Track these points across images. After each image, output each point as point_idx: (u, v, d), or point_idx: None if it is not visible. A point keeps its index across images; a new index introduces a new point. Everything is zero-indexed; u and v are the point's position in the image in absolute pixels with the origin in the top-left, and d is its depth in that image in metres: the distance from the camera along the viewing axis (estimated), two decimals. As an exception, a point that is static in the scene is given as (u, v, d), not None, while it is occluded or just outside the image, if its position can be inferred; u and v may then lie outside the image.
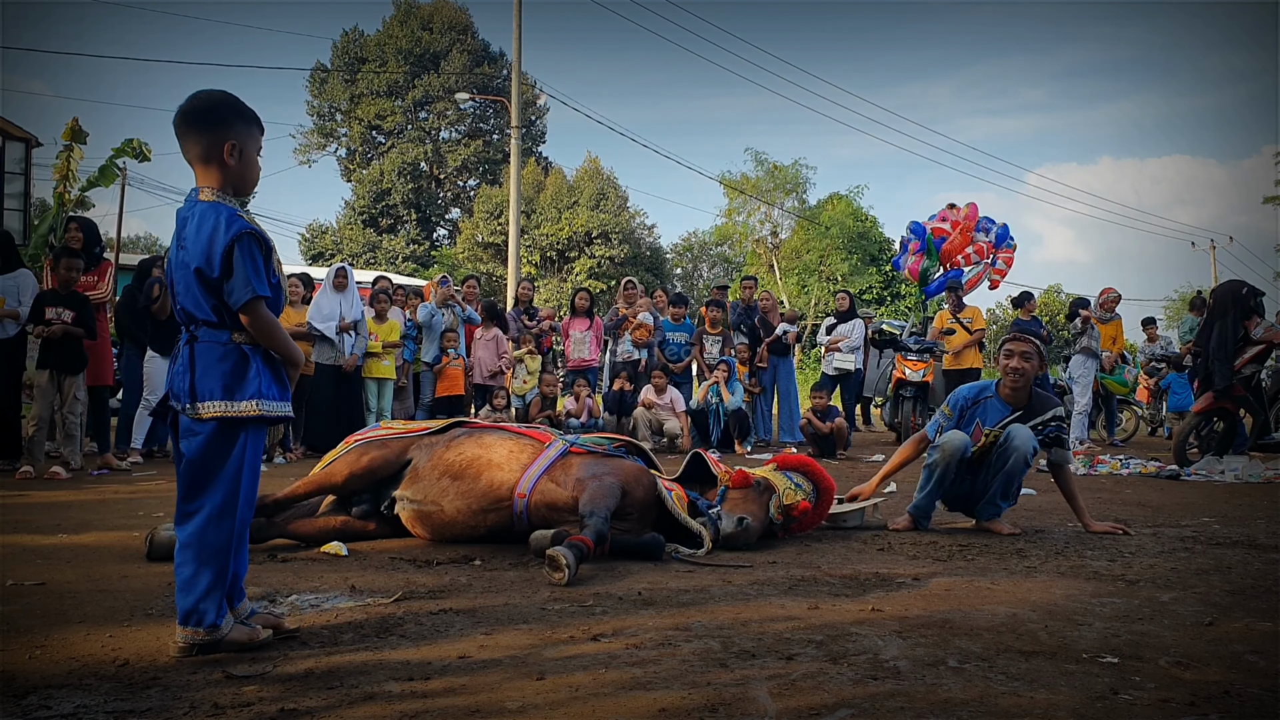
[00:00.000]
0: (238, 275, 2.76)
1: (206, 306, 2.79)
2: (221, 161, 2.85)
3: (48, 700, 2.36)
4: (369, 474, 4.61)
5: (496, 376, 11.10)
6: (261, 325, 2.80)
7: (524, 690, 2.44)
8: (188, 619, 2.74)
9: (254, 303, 2.77)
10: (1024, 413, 5.41)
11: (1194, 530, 5.31)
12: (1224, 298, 8.88)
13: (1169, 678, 2.59)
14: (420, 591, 3.60)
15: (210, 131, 2.85)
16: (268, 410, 2.82)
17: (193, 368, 2.80)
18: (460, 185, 42.40)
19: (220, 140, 2.85)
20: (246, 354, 2.83)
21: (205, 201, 2.83)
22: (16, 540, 4.59)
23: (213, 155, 2.85)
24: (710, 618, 3.21)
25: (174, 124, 2.87)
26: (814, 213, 38.96)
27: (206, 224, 2.79)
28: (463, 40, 40.47)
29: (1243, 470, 8.23)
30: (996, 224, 16.33)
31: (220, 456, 2.79)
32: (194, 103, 2.87)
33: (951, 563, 4.32)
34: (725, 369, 10.95)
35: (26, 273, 8.12)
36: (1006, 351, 5.43)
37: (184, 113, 2.87)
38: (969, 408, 5.50)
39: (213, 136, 2.85)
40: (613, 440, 4.98)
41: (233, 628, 2.80)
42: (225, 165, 2.86)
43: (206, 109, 2.87)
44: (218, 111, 2.88)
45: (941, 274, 16.08)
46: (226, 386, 2.78)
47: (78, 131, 13.93)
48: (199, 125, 2.86)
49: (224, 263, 2.76)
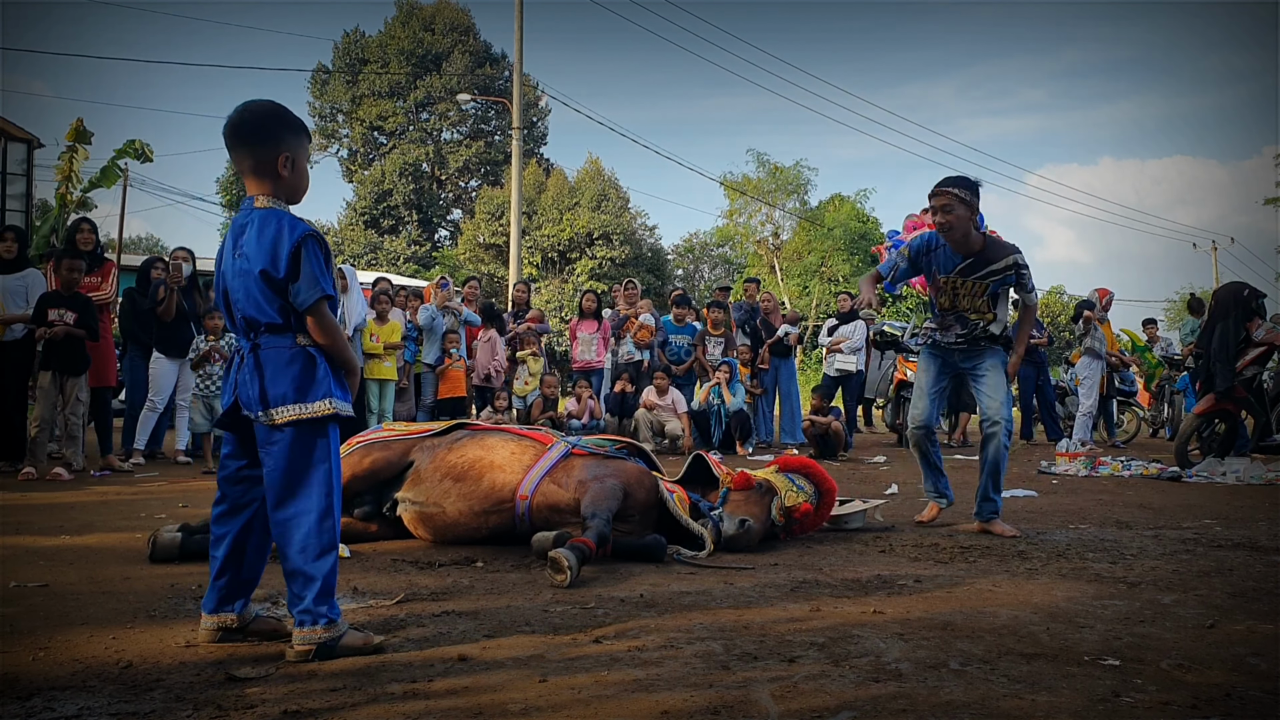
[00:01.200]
0: (305, 275, 2.78)
1: (271, 310, 2.79)
2: (275, 174, 2.88)
3: (51, 702, 2.37)
4: (371, 475, 4.62)
5: (491, 378, 11.10)
6: (326, 325, 2.83)
7: (527, 692, 2.45)
8: (304, 622, 2.75)
9: (321, 303, 2.80)
10: (975, 260, 5.39)
11: (1195, 532, 5.31)
12: (1225, 299, 8.88)
13: (1170, 680, 2.59)
14: (422, 593, 3.60)
15: (262, 145, 2.87)
16: (340, 409, 2.84)
17: (260, 374, 2.80)
18: (462, 186, 42.38)
19: (273, 153, 2.87)
20: (313, 355, 2.84)
21: (263, 208, 2.86)
22: (19, 541, 4.60)
23: (266, 168, 2.88)
24: (712, 619, 3.22)
25: (225, 136, 2.89)
26: (815, 214, 38.95)
27: (269, 228, 2.81)
28: (464, 41, 40.45)
29: (1244, 472, 8.23)
30: None
31: (307, 460, 2.81)
32: (244, 116, 2.89)
33: (953, 565, 4.32)
34: (727, 370, 10.94)
35: (35, 273, 8.13)
36: (931, 209, 5.45)
37: (234, 126, 2.89)
38: (924, 254, 5.53)
39: (265, 150, 2.87)
40: (615, 442, 4.98)
41: (348, 631, 2.81)
42: (279, 177, 2.89)
43: (258, 123, 2.90)
44: (268, 125, 2.90)
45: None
46: (299, 389, 2.79)
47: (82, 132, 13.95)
48: (250, 139, 2.88)
49: (290, 263, 2.78)
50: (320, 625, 2.75)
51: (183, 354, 8.74)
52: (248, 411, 2.82)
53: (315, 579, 2.76)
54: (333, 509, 2.83)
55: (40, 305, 7.69)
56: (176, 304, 8.83)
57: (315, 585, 2.76)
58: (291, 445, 2.79)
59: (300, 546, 2.77)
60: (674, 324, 11.87)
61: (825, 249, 36.85)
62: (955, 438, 12.52)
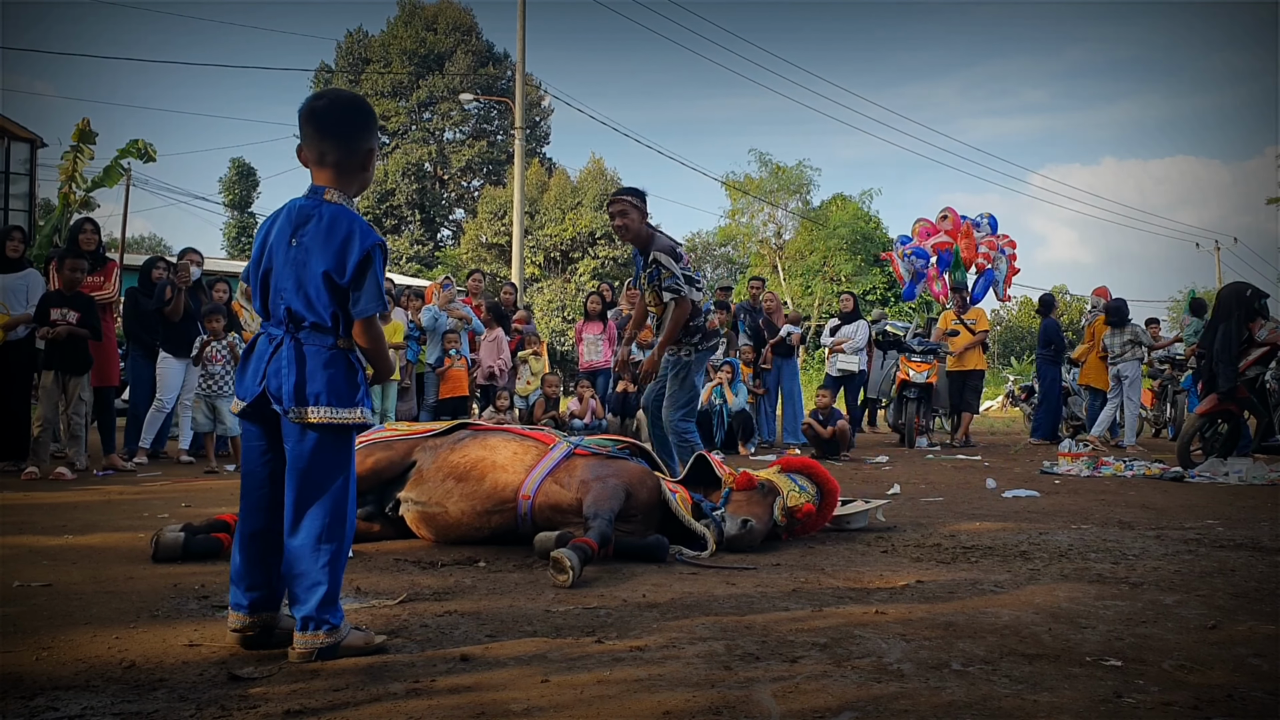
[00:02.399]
0: (369, 286, 2.74)
1: (322, 309, 2.74)
2: (356, 169, 2.86)
3: (55, 702, 2.37)
4: (374, 475, 4.62)
5: (496, 377, 11.11)
6: (375, 335, 2.80)
7: (529, 692, 2.45)
8: (306, 625, 2.71)
9: (376, 317, 2.79)
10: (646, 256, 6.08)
11: (1198, 533, 5.31)
12: (1228, 300, 8.87)
13: (1172, 681, 2.59)
14: (425, 593, 3.60)
15: (351, 138, 2.84)
16: (369, 419, 2.83)
17: (300, 368, 2.73)
18: (464, 186, 42.44)
19: (362, 147, 2.85)
20: (353, 362, 2.81)
21: (334, 203, 2.80)
22: (22, 541, 4.61)
23: (352, 161, 2.84)
24: (714, 620, 3.22)
25: (309, 121, 2.82)
26: (818, 214, 38.94)
27: (340, 227, 2.76)
28: (467, 41, 40.51)
29: (1246, 472, 8.22)
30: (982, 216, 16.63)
31: (330, 464, 2.77)
32: (336, 104, 2.85)
33: (955, 565, 4.32)
34: (729, 370, 10.94)
35: (34, 272, 8.16)
36: (610, 214, 6.22)
37: (324, 113, 2.83)
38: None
39: (355, 142, 2.84)
40: (617, 442, 4.98)
41: (350, 633, 2.79)
42: (358, 173, 2.87)
43: (352, 113, 2.86)
44: (362, 118, 2.88)
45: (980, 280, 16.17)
46: (337, 393, 2.74)
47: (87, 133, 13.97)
48: (341, 129, 2.83)
49: (357, 270, 2.73)
50: (324, 630, 2.72)
51: (188, 354, 8.75)
52: (277, 405, 2.74)
53: (322, 584, 2.72)
54: (347, 515, 2.79)
55: (43, 305, 7.71)
56: (184, 304, 8.84)
57: (321, 590, 2.72)
58: (318, 447, 2.74)
59: (313, 549, 2.73)
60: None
61: (828, 249, 36.84)
62: (958, 438, 12.53)
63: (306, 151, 2.84)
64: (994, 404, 22.82)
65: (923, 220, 16.82)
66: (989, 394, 21.89)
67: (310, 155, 2.84)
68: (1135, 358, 12.05)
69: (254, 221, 39.78)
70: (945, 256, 16.03)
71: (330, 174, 2.83)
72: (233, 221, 39.30)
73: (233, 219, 39.35)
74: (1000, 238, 16.55)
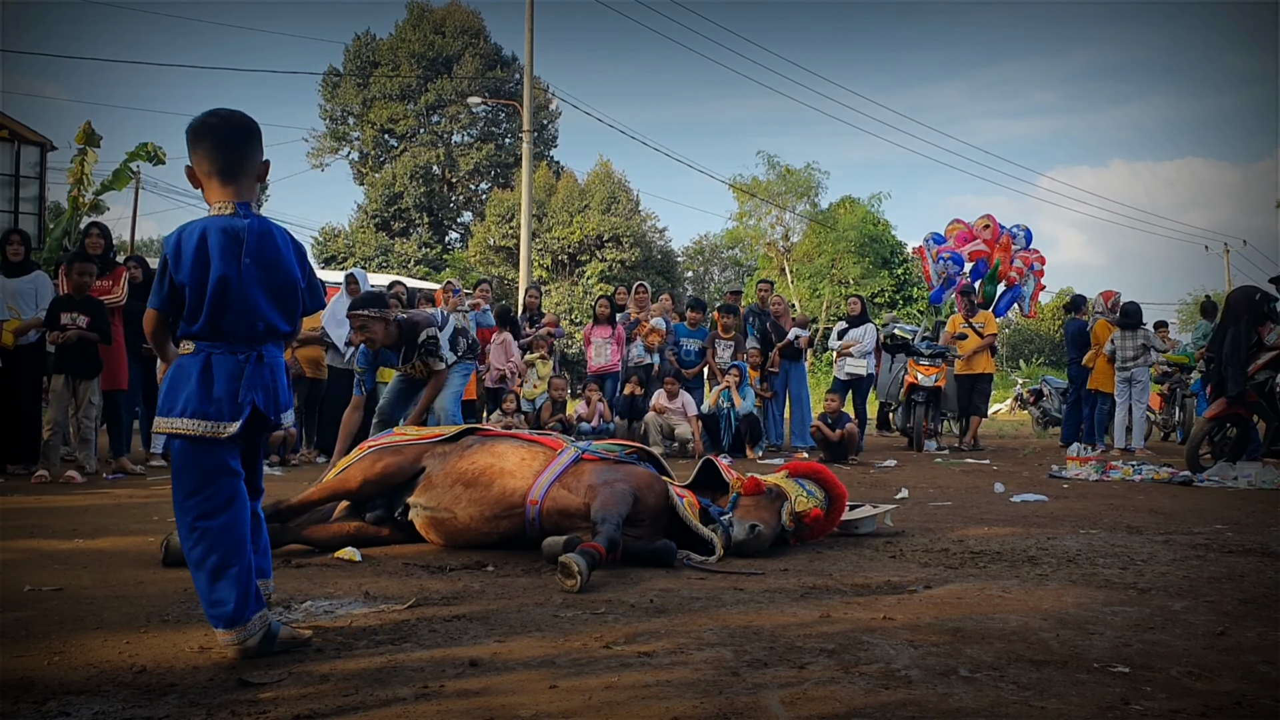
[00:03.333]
0: (314, 281, 2.93)
1: (291, 319, 2.90)
2: (259, 178, 2.96)
3: (67, 707, 2.39)
4: (383, 480, 4.64)
5: (505, 380, 11.12)
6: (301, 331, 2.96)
7: (537, 697, 2.46)
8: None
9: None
10: (405, 348, 6.51)
11: (1206, 537, 5.30)
12: (1237, 303, 8.84)
13: (1181, 688, 2.59)
14: (434, 597, 3.62)
15: (255, 150, 2.94)
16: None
17: (275, 380, 2.89)
18: (472, 189, 42.46)
19: (260, 158, 2.95)
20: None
21: (260, 216, 2.90)
22: (33, 545, 4.63)
23: (257, 173, 2.94)
24: (722, 625, 3.22)
25: (222, 135, 2.89)
26: (826, 216, 38.91)
27: (285, 237, 2.91)
28: (475, 44, 40.53)
29: (1256, 476, 8.20)
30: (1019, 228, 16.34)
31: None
32: (237, 117, 2.93)
33: (963, 570, 4.32)
34: (737, 373, 10.94)
35: (42, 275, 8.16)
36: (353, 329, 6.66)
37: (231, 126, 2.91)
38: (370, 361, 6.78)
39: (257, 154, 2.94)
40: (625, 447, 4.99)
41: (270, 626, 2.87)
42: (259, 182, 2.97)
43: (252, 128, 2.95)
44: (256, 132, 2.97)
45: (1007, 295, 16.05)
46: (289, 397, 2.95)
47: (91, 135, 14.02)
48: (248, 142, 2.93)
49: (308, 275, 2.92)
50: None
51: None
52: (274, 417, 2.88)
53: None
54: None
55: (53, 309, 7.74)
56: None
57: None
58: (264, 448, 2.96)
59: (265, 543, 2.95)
60: (687, 328, 11.87)
61: (836, 251, 36.80)
62: (966, 441, 12.51)
63: (208, 166, 2.89)
64: (1002, 407, 22.77)
65: (959, 222, 16.47)
66: (997, 397, 21.84)
67: (214, 169, 2.89)
68: (1147, 362, 12.01)
69: (262, 224, 39.80)
70: (981, 266, 15.80)
71: (240, 186, 2.91)
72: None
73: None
74: (1032, 253, 16.34)
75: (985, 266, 15.76)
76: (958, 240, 16.12)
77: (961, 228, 16.29)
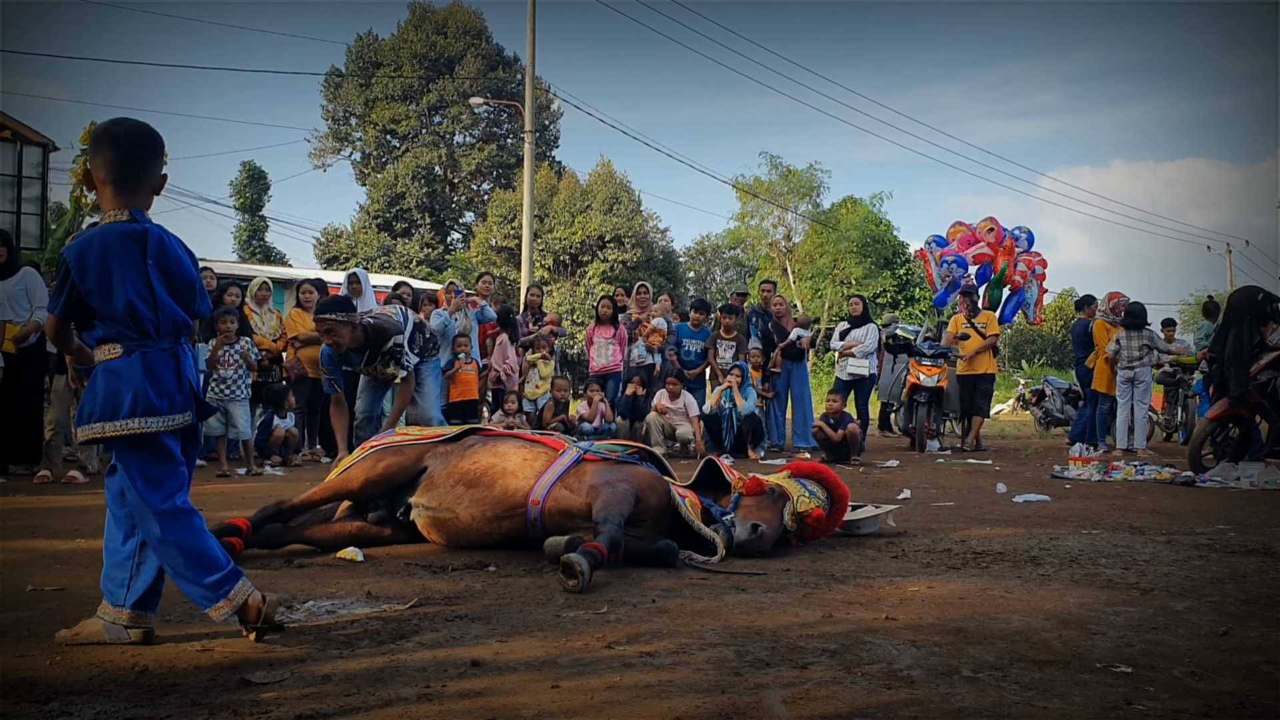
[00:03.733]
0: (203, 287, 3.08)
1: (193, 315, 3.05)
2: (156, 191, 3.07)
3: (69, 706, 2.39)
4: (385, 480, 4.64)
5: (502, 380, 11.14)
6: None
7: (539, 697, 2.46)
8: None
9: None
10: (371, 350, 6.64)
11: (1209, 538, 5.29)
12: (1240, 304, 8.83)
13: (1183, 688, 2.59)
14: (435, 598, 3.62)
15: (158, 162, 3.06)
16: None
17: (196, 371, 3.08)
18: (474, 189, 42.47)
19: (160, 171, 3.07)
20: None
21: (154, 222, 3.01)
22: (35, 545, 4.63)
23: (153, 184, 3.05)
24: (724, 625, 3.22)
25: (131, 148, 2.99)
26: (828, 216, 38.90)
27: (179, 242, 3.03)
28: (477, 44, 40.54)
29: (1258, 477, 8.19)
30: (1021, 230, 16.26)
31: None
32: (144, 129, 3.04)
33: (965, 570, 4.31)
34: (739, 374, 10.94)
35: (31, 272, 7.91)
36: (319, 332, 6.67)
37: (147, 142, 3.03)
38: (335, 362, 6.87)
39: (158, 166, 3.06)
40: (626, 447, 4.99)
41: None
42: (155, 194, 3.07)
43: (159, 140, 3.07)
44: (160, 145, 3.09)
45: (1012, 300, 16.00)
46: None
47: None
48: (154, 154, 3.05)
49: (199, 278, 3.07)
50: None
51: None
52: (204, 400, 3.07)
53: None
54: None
55: (55, 310, 7.71)
56: None
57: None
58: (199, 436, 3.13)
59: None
60: (690, 329, 11.87)
61: (838, 252, 36.78)
62: (968, 442, 12.50)
63: (106, 174, 2.97)
64: (1005, 408, 22.75)
65: (961, 225, 16.37)
66: (1000, 398, 21.82)
67: (112, 178, 2.97)
68: (1150, 363, 11.98)
69: (265, 225, 39.88)
70: (985, 271, 15.72)
71: (141, 195, 3.01)
72: (244, 225, 39.41)
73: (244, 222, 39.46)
74: (1034, 256, 16.26)
75: (990, 270, 15.69)
76: (961, 244, 16.01)
77: (964, 230, 16.17)
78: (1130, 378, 11.79)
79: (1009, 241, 15.85)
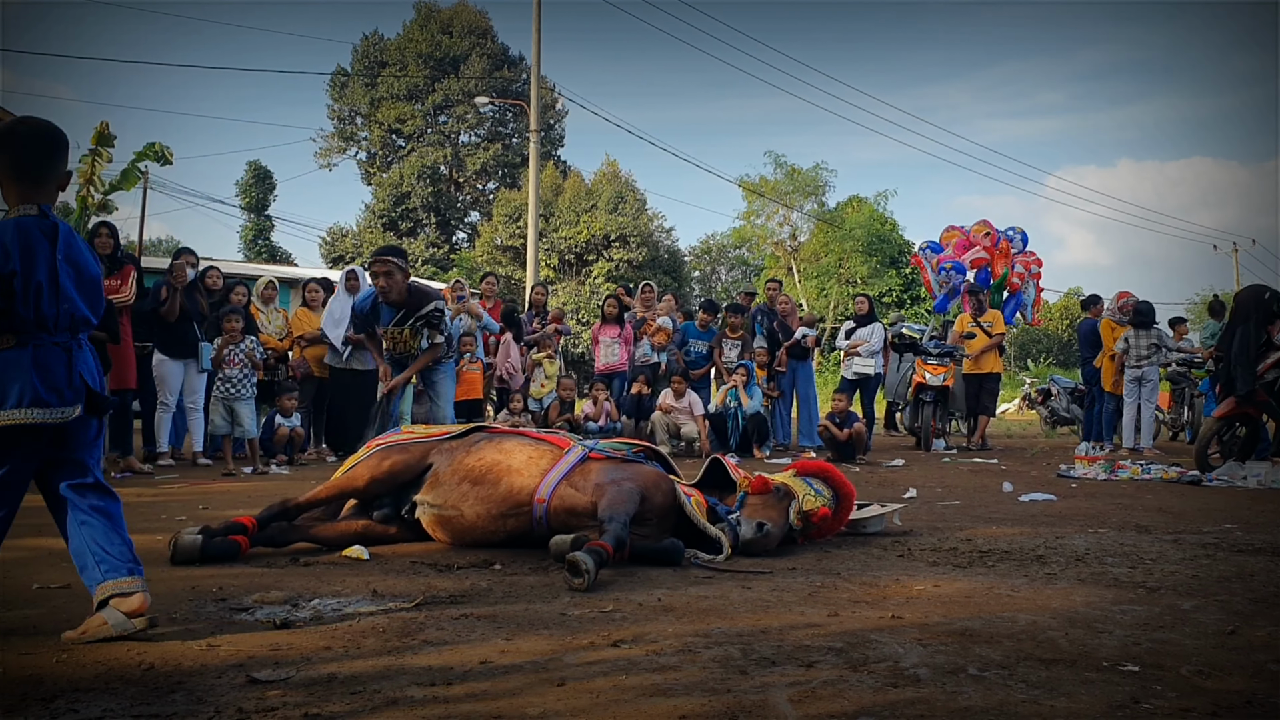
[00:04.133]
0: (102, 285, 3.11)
1: (96, 311, 3.08)
2: (60, 187, 3.10)
3: (74, 704, 2.39)
4: (390, 478, 4.64)
5: (506, 380, 11.14)
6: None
7: (545, 696, 2.46)
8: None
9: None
10: (407, 310, 6.82)
11: (1216, 537, 5.28)
12: (1246, 302, 8.82)
13: (1190, 687, 2.58)
14: (441, 596, 3.61)
15: (61, 162, 3.09)
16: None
17: (97, 365, 3.12)
18: (479, 189, 42.50)
19: (64, 169, 3.10)
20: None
21: (59, 219, 3.02)
22: (41, 543, 4.63)
23: (57, 183, 3.08)
24: (730, 624, 3.22)
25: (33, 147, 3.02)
26: (834, 216, 38.85)
27: (83, 240, 3.07)
28: (482, 44, 40.58)
29: (1265, 476, 8.17)
30: (1014, 231, 16.23)
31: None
32: (51, 128, 3.07)
33: (972, 569, 4.31)
34: (744, 373, 10.93)
35: None
36: (373, 274, 6.85)
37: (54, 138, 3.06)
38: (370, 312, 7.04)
39: (61, 167, 3.08)
40: (632, 446, 4.98)
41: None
42: (60, 190, 3.11)
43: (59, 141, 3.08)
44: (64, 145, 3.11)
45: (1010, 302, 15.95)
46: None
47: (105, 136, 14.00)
48: (63, 154, 3.08)
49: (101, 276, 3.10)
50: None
51: (186, 354, 8.75)
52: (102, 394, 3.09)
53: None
54: None
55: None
56: (180, 305, 8.84)
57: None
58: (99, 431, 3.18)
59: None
60: (697, 329, 11.87)
61: (844, 250, 36.74)
62: (974, 441, 12.48)
63: (10, 172, 3.00)
64: (1010, 407, 22.72)
65: (954, 229, 16.30)
66: (1005, 397, 21.78)
67: (16, 176, 3.00)
68: (1158, 362, 11.95)
69: (271, 224, 39.94)
70: (983, 275, 15.65)
71: (47, 192, 3.04)
72: (250, 224, 39.48)
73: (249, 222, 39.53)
74: (1029, 256, 16.22)
75: (989, 274, 15.65)
76: (957, 249, 15.96)
77: (959, 235, 16.11)
78: (1138, 376, 11.76)
79: (1004, 243, 15.81)
